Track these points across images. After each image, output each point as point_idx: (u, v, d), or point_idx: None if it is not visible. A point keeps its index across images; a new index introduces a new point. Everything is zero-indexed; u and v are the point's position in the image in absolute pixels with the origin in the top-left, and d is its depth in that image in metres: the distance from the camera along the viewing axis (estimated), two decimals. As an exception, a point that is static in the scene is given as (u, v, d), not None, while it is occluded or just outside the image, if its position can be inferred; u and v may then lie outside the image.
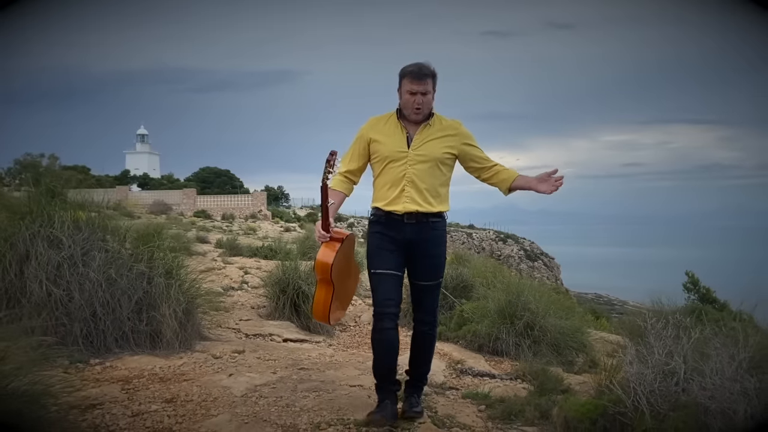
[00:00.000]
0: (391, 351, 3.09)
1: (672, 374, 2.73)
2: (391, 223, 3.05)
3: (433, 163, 3.07)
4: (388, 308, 3.03)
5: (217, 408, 3.19)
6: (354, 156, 3.17)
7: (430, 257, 3.11)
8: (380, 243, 3.07)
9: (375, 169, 3.17)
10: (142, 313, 4.21)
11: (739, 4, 3.21)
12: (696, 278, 7.36)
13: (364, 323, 6.26)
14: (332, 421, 3.05)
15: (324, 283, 3.04)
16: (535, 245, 50.65)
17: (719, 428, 2.43)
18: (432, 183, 3.08)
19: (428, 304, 3.21)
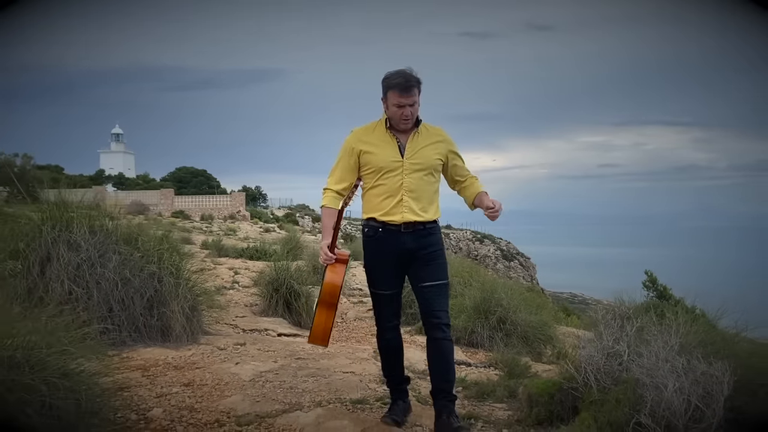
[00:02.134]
0: (398, 354, 3.29)
1: (616, 356, 3.28)
2: (387, 234, 3.04)
3: (427, 171, 3.08)
4: (389, 323, 3.21)
5: (229, 390, 3.66)
6: (345, 172, 3.12)
7: (432, 259, 3.07)
8: (379, 260, 3.09)
9: (367, 180, 3.12)
10: (153, 309, 4.65)
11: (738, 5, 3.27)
12: (654, 277, 7.98)
13: (350, 320, 6.75)
14: (331, 399, 3.55)
15: (327, 306, 3.02)
16: (511, 245, 51.57)
17: (651, 398, 2.97)
18: (427, 191, 3.09)
19: (439, 305, 3.08)
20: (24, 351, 2.24)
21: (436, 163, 3.11)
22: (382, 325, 3.22)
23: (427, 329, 3.11)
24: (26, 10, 3.26)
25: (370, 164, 3.07)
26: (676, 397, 3.01)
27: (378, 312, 3.23)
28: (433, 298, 3.06)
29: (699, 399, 2.99)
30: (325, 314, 3.01)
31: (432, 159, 3.09)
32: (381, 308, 3.20)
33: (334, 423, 3.14)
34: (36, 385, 2.09)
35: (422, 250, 3.07)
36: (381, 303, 3.19)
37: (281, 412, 3.31)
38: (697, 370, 3.08)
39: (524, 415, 3.34)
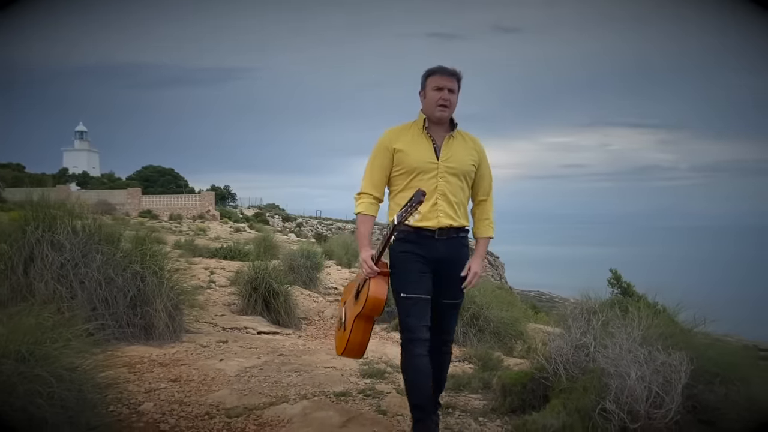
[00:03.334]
0: (428, 378, 2.86)
1: (584, 348, 3.51)
2: (421, 240, 2.82)
3: (462, 176, 2.93)
4: (421, 334, 2.81)
5: (216, 385, 3.80)
6: (382, 173, 2.93)
7: (458, 277, 2.91)
8: (411, 264, 2.83)
9: (398, 182, 2.92)
10: (137, 308, 4.74)
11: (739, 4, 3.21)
12: (619, 275, 8.33)
13: (327, 317, 6.90)
14: (315, 392, 3.71)
15: (366, 319, 2.87)
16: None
17: (615, 386, 3.21)
18: (461, 197, 2.93)
19: (451, 324, 3.05)
20: (29, 346, 2.35)
21: (470, 168, 2.95)
22: (413, 336, 2.81)
23: (436, 343, 2.94)
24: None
25: (403, 164, 2.89)
26: (638, 385, 3.25)
27: (405, 322, 2.84)
28: (449, 316, 3.00)
29: (659, 387, 3.24)
30: (363, 328, 2.88)
31: (467, 164, 2.94)
32: (412, 315, 2.80)
33: (320, 414, 3.30)
34: (44, 377, 2.20)
35: (452, 263, 2.89)
36: (409, 309, 2.81)
37: (268, 405, 3.46)
38: (657, 360, 3.33)
39: (498, 404, 3.55)
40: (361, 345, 2.92)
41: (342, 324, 3.09)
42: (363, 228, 2.92)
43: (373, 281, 2.78)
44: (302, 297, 7.43)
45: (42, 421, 2.12)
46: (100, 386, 2.91)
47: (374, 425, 3.22)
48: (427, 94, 2.89)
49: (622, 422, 3.15)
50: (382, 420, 3.31)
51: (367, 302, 2.77)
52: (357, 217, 2.96)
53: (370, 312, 2.82)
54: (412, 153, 2.88)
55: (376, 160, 2.93)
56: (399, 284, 2.84)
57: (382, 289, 2.79)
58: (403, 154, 2.88)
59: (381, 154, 2.92)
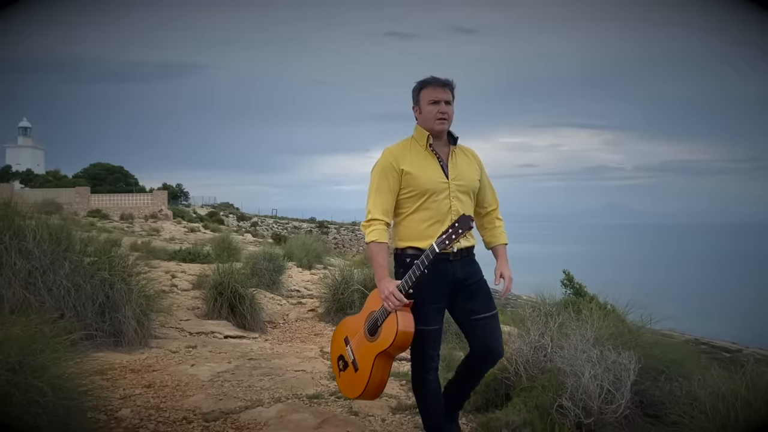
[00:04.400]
0: (439, 399, 2.93)
1: (542, 349, 3.77)
2: (436, 264, 2.62)
3: (471, 192, 2.85)
4: (435, 363, 2.85)
5: (191, 390, 3.89)
6: (391, 198, 2.76)
7: (480, 288, 2.83)
8: (427, 295, 2.70)
9: (407, 205, 2.78)
10: (105, 314, 4.77)
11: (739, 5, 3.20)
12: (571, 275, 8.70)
13: (291, 321, 7.01)
14: (288, 396, 3.85)
15: (388, 357, 2.69)
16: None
17: (571, 384, 3.47)
18: (471, 214, 2.76)
19: (497, 338, 2.88)
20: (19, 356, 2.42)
21: (476, 184, 2.87)
22: (425, 365, 2.80)
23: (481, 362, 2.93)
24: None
25: (413, 186, 2.74)
26: (591, 382, 3.52)
27: (421, 352, 2.79)
28: (490, 330, 2.82)
29: (610, 384, 3.52)
30: (384, 366, 2.70)
31: (474, 180, 2.85)
32: (426, 347, 2.77)
33: (295, 416, 3.45)
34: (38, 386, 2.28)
35: (469, 279, 2.79)
36: (427, 341, 2.75)
37: (244, 409, 3.58)
38: (608, 359, 3.61)
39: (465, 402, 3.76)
40: (380, 385, 2.73)
41: (349, 364, 2.82)
42: (380, 258, 2.70)
43: (399, 314, 2.59)
44: (266, 300, 7.51)
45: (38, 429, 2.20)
46: (79, 393, 2.99)
47: (347, 426, 3.38)
48: (423, 108, 2.77)
49: (577, 418, 3.42)
50: (354, 421, 3.47)
51: (397, 338, 2.56)
52: (370, 246, 2.75)
53: (398, 349, 2.64)
54: (422, 174, 2.74)
55: (383, 183, 2.75)
56: (416, 316, 2.67)
57: (411, 323, 2.60)
58: (412, 177, 2.73)
59: (389, 176, 2.75)
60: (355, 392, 2.81)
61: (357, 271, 7.09)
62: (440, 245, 2.54)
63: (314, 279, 10.63)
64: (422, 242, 2.70)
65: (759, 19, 2.80)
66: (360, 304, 6.61)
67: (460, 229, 2.51)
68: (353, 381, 2.81)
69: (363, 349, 2.75)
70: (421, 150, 2.79)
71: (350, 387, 2.84)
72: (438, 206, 2.74)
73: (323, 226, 50.57)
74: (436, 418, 2.92)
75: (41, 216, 4.88)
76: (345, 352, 2.88)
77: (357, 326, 2.83)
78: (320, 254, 14.09)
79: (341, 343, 2.92)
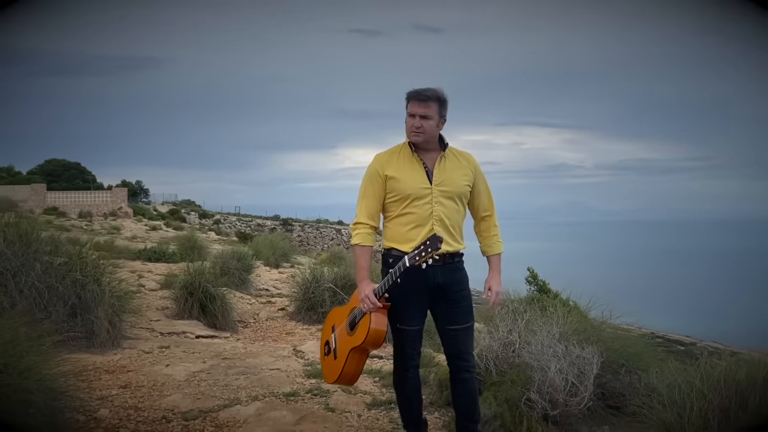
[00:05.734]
0: (417, 396, 3.08)
1: (510, 345, 3.94)
2: (417, 267, 2.73)
3: (457, 197, 2.92)
4: (414, 361, 2.99)
5: (167, 390, 3.93)
6: (377, 203, 2.91)
7: (461, 300, 2.93)
8: (408, 296, 2.84)
9: (392, 209, 2.91)
10: (77, 316, 4.76)
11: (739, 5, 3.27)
12: (535, 273, 8.94)
13: (262, 320, 7.06)
14: (265, 394, 3.93)
15: (362, 351, 2.90)
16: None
17: (538, 378, 3.64)
18: (457, 219, 2.92)
19: (465, 348, 2.97)
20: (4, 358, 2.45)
21: (465, 189, 2.94)
22: (405, 364, 2.96)
23: (454, 370, 3.01)
24: None
25: (397, 191, 2.87)
26: (557, 376, 3.70)
27: (401, 350, 2.96)
28: (461, 341, 2.95)
29: (575, 377, 3.71)
30: (358, 359, 2.92)
31: (461, 185, 2.92)
32: (405, 345, 2.94)
33: (274, 413, 3.53)
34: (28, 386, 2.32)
35: (450, 288, 2.90)
36: (406, 340, 2.93)
37: (222, 407, 3.65)
38: (573, 353, 3.81)
39: (436, 398, 3.90)
40: (354, 375, 2.95)
41: (332, 351, 3.05)
42: (362, 261, 2.88)
43: (373, 314, 2.77)
44: (236, 299, 7.53)
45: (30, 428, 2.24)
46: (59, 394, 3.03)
47: (325, 422, 3.49)
48: (406, 119, 2.89)
49: (544, 410, 3.60)
50: (331, 417, 3.58)
51: (368, 336, 2.76)
52: (355, 248, 2.93)
53: (370, 346, 2.84)
54: (405, 179, 2.86)
55: (369, 188, 2.91)
56: (396, 316, 2.87)
57: (383, 322, 2.78)
58: (395, 181, 2.86)
59: (374, 181, 2.90)
60: (331, 378, 3.05)
61: (327, 270, 7.17)
62: (411, 260, 2.68)
63: (282, 278, 10.67)
64: (404, 245, 2.83)
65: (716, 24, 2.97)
66: (331, 302, 6.72)
67: (429, 248, 2.63)
68: (332, 367, 3.03)
69: (342, 341, 2.97)
70: (409, 155, 2.90)
71: (329, 372, 3.08)
72: (420, 210, 2.84)
73: (287, 224, 50.33)
74: (413, 413, 3.09)
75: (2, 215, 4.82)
76: (330, 339, 3.09)
77: (342, 317, 3.03)
78: (287, 253, 14.10)
79: (329, 329, 3.13)
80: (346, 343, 2.92)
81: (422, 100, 2.83)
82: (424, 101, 2.83)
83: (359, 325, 2.85)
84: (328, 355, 3.10)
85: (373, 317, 2.77)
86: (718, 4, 3.14)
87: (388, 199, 2.90)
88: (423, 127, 2.83)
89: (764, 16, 2.85)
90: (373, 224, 2.92)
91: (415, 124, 2.84)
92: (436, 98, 2.84)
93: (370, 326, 2.75)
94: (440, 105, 2.86)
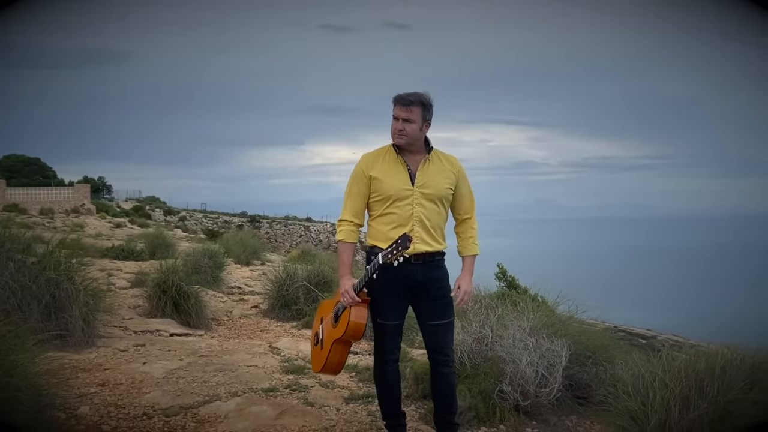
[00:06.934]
0: (397, 388, 3.20)
1: (483, 339, 4.08)
2: (398, 266, 2.81)
3: (438, 200, 3.01)
4: (394, 355, 3.10)
5: (146, 387, 3.96)
6: (360, 200, 3.02)
7: (441, 297, 3.04)
8: (388, 292, 2.96)
9: (376, 208, 3.02)
10: (51, 315, 4.74)
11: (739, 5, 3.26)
12: (504, 269, 9.17)
13: (236, 317, 7.08)
14: (245, 390, 3.99)
15: (344, 343, 3.02)
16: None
17: (510, 371, 3.79)
18: (437, 221, 3.02)
19: (445, 343, 3.09)
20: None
21: (446, 192, 3.04)
22: (385, 357, 3.08)
23: (434, 364, 3.13)
24: None
25: (380, 192, 2.97)
26: (528, 368, 3.86)
27: (381, 344, 3.08)
28: (441, 336, 3.07)
29: (544, 369, 3.87)
30: (341, 350, 3.03)
31: (443, 188, 3.02)
32: (385, 339, 3.06)
33: (254, 408, 3.60)
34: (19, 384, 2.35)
35: (431, 285, 3.01)
36: (386, 334, 3.05)
37: (203, 403, 3.70)
38: (542, 347, 3.97)
39: (412, 391, 4.01)
40: (338, 365, 3.08)
41: (319, 341, 3.19)
42: (344, 256, 3.02)
43: (353, 308, 2.89)
44: (208, 297, 7.53)
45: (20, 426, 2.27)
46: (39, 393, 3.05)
47: (305, 416, 3.57)
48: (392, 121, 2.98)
49: (516, 401, 3.75)
50: (311, 411, 3.67)
51: (348, 328, 2.88)
52: (338, 244, 3.08)
53: (351, 337, 2.96)
54: (387, 180, 2.95)
55: (353, 188, 3.02)
56: (377, 311, 3.00)
57: (363, 315, 2.90)
58: (379, 182, 2.96)
59: (358, 181, 3.01)
60: (317, 367, 3.19)
61: (301, 268, 7.23)
62: (384, 258, 2.79)
63: (254, 275, 10.67)
64: (385, 243, 2.91)
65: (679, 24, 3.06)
66: (305, 300, 6.79)
67: (400, 247, 2.74)
68: (318, 357, 3.17)
69: (328, 332, 3.11)
70: (394, 157, 3.00)
71: (316, 361, 3.23)
72: (401, 211, 2.95)
73: (255, 221, 49.95)
74: (393, 405, 3.22)
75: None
76: (319, 330, 3.23)
77: (329, 310, 3.17)
78: (257, 250, 14.08)
79: (319, 321, 3.27)
80: (330, 335, 3.05)
81: (405, 104, 2.92)
82: (407, 105, 2.91)
83: (341, 317, 2.98)
84: (316, 345, 3.23)
85: (353, 311, 2.89)
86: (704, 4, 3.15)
87: (371, 198, 3.01)
88: (406, 130, 2.92)
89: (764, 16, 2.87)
90: (357, 222, 3.03)
91: (398, 127, 2.93)
92: (419, 102, 2.93)
93: (349, 319, 2.88)
94: (424, 109, 2.94)
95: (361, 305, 2.91)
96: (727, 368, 3.02)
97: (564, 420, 3.87)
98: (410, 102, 2.91)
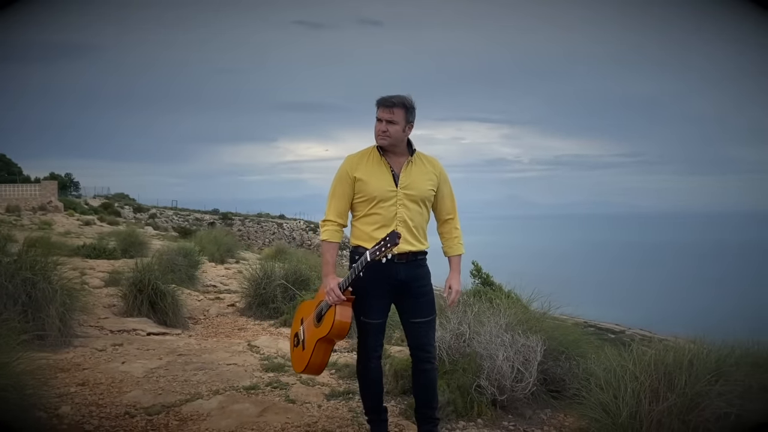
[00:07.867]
0: (379, 385, 3.27)
1: (461, 335, 4.18)
2: (381, 264, 2.87)
3: (421, 201, 3.08)
4: (376, 352, 3.17)
5: (127, 386, 3.97)
6: (344, 201, 3.08)
7: (423, 295, 3.12)
8: (372, 291, 3.03)
9: (360, 208, 3.08)
10: (28, 314, 4.70)
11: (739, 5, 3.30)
12: (479, 266, 9.31)
13: (212, 316, 7.08)
14: (226, 388, 4.02)
15: (328, 342, 3.05)
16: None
17: (487, 366, 3.89)
18: (420, 221, 3.10)
19: (427, 340, 3.17)
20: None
21: (429, 194, 3.11)
22: (368, 354, 3.15)
23: (417, 361, 3.20)
24: None
25: (364, 193, 3.04)
26: (504, 364, 3.97)
27: (364, 341, 3.15)
28: (423, 333, 3.14)
29: (520, 364, 3.98)
30: (324, 350, 3.07)
31: (425, 189, 3.09)
32: (368, 337, 3.13)
33: (236, 406, 3.64)
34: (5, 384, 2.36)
35: (413, 283, 3.09)
36: (369, 332, 3.11)
37: (184, 402, 3.73)
38: (518, 342, 4.08)
39: (392, 387, 4.09)
40: (321, 365, 3.12)
41: (300, 342, 3.22)
42: (328, 256, 3.07)
43: (338, 307, 2.92)
44: (184, 296, 7.50)
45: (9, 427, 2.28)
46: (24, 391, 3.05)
47: (287, 413, 3.62)
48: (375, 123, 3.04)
49: (493, 395, 3.86)
50: (293, 408, 3.72)
51: (333, 327, 2.91)
52: (322, 244, 3.12)
53: (336, 336, 3.00)
54: (372, 181, 3.02)
55: (338, 189, 3.08)
56: (360, 309, 3.05)
57: (348, 314, 2.93)
58: (363, 183, 3.02)
59: (343, 182, 3.07)
60: (300, 367, 3.21)
61: (278, 266, 7.25)
62: (372, 255, 2.83)
63: (229, 273, 10.64)
64: (369, 243, 2.97)
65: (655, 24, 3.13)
66: (282, 298, 6.82)
67: (388, 244, 2.79)
68: (300, 357, 3.19)
69: (310, 332, 3.14)
70: (377, 159, 3.07)
71: (297, 362, 3.25)
72: (385, 212, 3.02)
73: (227, 218, 49.51)
74: (375, 401, 3.29)
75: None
76: (299, 331, 3.26)
77: (310, 310, 3.21)
78: (231, 248, 14.01)
79: (298, 322, 3.31)
80: (314, 335, 3.08)
81: (389, 106, 2.99)
82: (390, 107, 2.99)
83: (325, 317, 3.01)
84: (297, 347, 3.27)
85: (338, 309, 2.92)
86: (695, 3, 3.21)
87: (356, 199, 3.07)
88: (389, 131, 2.99)
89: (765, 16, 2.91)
90: (341, 222, 3.09)
91: (381, 129, 3.00)
92: (402, 104, 3.00)
93: (335, 318, 2.91)
94: (407, 111, 3.01)
95: (345, 304, 2.94)
96: (694, 362, 3.16)
97: (539, 413, 3.99)
98: (393, 104, 2.98)
